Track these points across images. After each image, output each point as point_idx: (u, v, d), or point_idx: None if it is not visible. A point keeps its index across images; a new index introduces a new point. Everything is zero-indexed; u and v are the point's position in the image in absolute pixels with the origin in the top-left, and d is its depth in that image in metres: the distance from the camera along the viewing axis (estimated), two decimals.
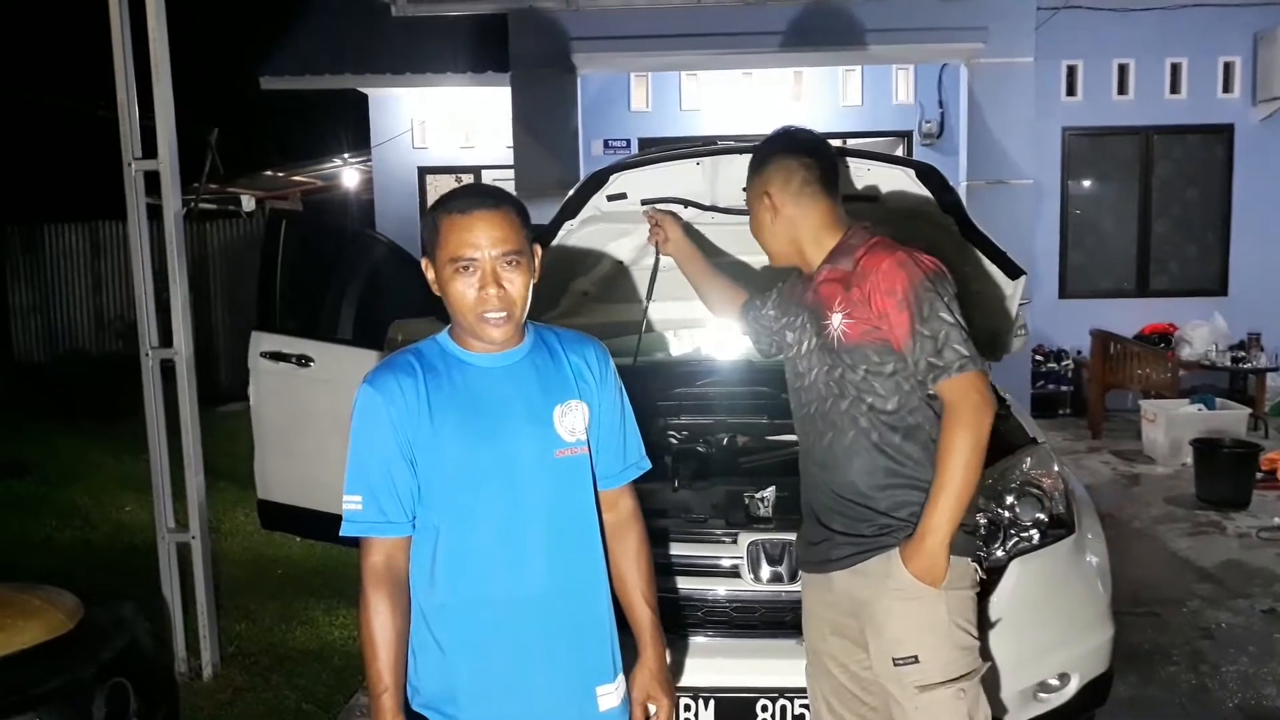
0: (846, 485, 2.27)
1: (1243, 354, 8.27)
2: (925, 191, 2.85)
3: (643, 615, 2.05)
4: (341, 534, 1.89)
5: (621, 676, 2.02)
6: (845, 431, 2.26)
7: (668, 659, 2.09)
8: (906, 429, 2.22)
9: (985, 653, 2.35)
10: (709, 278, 2.83)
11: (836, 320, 2.24)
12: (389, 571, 1.87)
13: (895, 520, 2.22)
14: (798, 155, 2.33)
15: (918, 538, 2.16)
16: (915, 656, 2.18)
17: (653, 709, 2.05)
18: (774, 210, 2.33)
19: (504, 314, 1.85)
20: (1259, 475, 6.44)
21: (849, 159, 2.84)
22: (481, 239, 1.82)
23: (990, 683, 2.41)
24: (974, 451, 2.10)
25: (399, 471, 1.85)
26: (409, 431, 1.84)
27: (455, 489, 1.86)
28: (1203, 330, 8.39)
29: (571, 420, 1.93)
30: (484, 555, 1.88)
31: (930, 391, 2.17)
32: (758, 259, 3.42)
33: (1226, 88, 9.20)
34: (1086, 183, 9.55)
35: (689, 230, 2.96)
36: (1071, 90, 9.25)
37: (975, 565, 2.26)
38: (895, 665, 2.20)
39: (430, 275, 1.90)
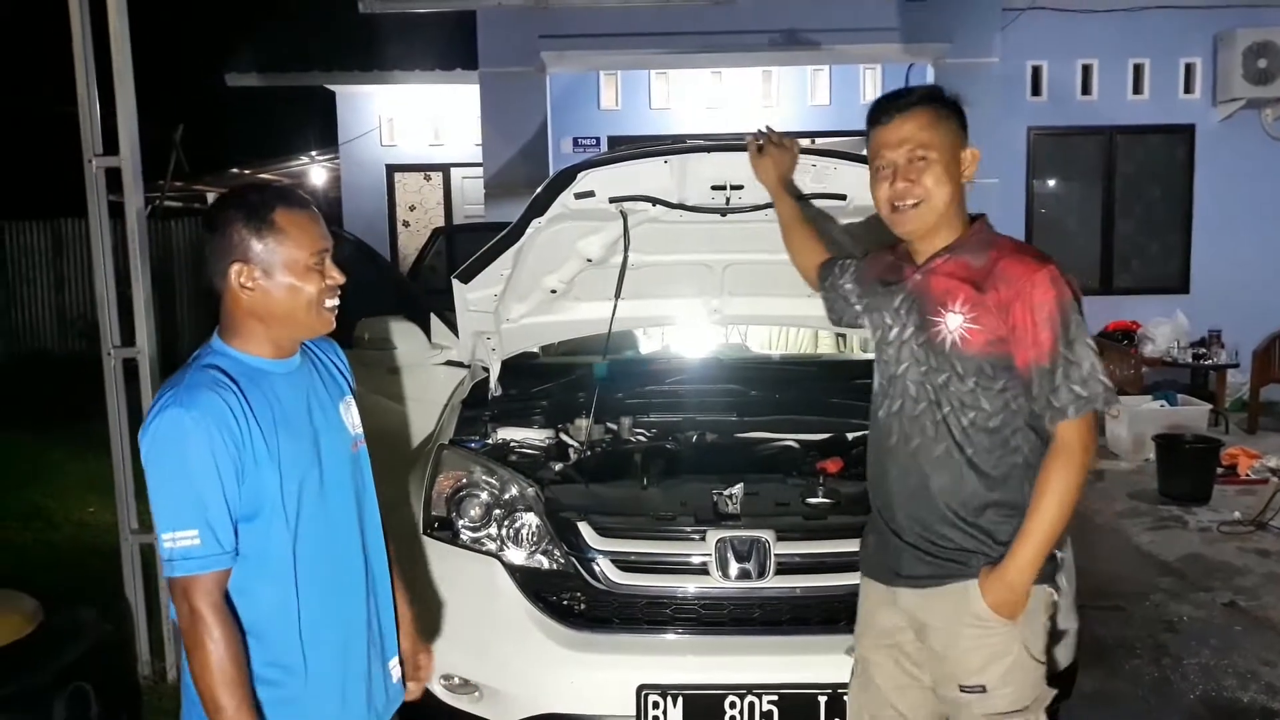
0: (930, 498, 2.11)
1: (1204, 351, 8.37)
2: None
3: (397, 580, 2.11)
4: (175, 575, 1.69)
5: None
6: (937, 442, 2.10)
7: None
8: (1006, 449, 2.07)
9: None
10: (796, 222, 2.64)
11: (954, 322, 2.05)
12: (223, 598, 1.73)
13: (978, 548, 2.09)
14: (961, 119, 2.14)
15: (1002, 570, 2.03)
16: (983, 686, 2.08)
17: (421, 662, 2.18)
18: (955, 166, 2.10)
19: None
20: (1220, 470, 6.54)
21: (816, 157, 2.84)
22: (325, 231, 1.84)
23: None
24: (1076, 492, 2.01)
25: (231, 495, 1.72)
26: (234, 452, 1.71)
27: (282, 498, 1.79)
28: (1165, 327, 8.48)
29: (352, 414, 1.99)
30: (314, 557, 1.84)
31: (1057, 415, 2.01)
32: (723, 257, 3.43)
33: (1188, 88, 9.32)
34: (1051, 182, 9.64)
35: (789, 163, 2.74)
36: (1036, 90, 9.33)
37: (1052, 590, 2.14)
38: (961, 691, 2.11)
39: (244, 279, 1.76)
